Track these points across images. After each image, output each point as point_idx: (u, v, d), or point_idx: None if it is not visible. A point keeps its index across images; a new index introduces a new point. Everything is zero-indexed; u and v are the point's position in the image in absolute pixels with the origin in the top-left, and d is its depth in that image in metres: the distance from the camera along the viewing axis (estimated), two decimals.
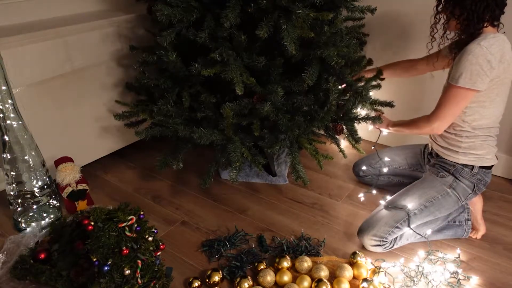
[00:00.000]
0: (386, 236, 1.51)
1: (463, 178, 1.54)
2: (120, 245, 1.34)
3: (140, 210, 1.46)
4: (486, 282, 1.43)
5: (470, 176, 1.53)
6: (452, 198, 1.55)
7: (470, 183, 1.54)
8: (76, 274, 1.34)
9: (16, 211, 1.70)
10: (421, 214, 1.53)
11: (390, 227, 1.51)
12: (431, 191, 1.56)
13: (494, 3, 1.35)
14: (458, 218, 1.64)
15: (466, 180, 1.54)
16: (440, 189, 1.56)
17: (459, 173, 1.54)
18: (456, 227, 1.63)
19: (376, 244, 1.53)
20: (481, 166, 1.53)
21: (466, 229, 1.63)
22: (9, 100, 1.55)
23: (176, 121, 1.69)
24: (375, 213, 1.59)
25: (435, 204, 1.54)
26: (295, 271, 1.48)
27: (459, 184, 1.54)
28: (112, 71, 2.01)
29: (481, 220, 1.66)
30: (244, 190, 1.98)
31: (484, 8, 1.34)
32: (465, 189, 1.55)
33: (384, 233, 1.51)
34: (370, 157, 1.92)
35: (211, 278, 1.42)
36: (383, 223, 1.52)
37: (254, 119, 1.61)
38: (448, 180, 1.56)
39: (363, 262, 1.48)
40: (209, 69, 1.54)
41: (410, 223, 1.52)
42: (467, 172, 1.53)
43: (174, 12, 1.52)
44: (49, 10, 1.98)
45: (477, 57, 1.33)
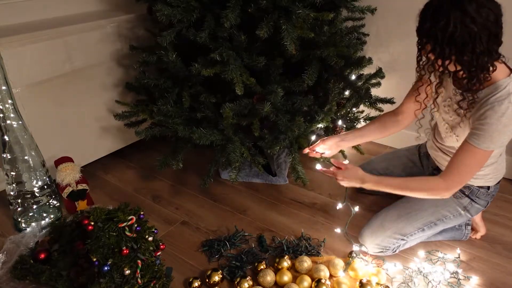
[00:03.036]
0: (390, 245, 1.49)
1: (479, 199, 1.46)
2: (120, 245, 1.34)
3: (140, 210, 1.46)
4: (486, 282, 1.43)
5: (486, 196, 1.46)
6: (463, 218, 1.50)
7: (485, 201, 1.48)
8: (76, 274, 1.34)
9: (16, 211, 1.70)
10: (429, 230, 1.50)
11: (395, 239, 1.48)
12: (444, 211, 1.48)
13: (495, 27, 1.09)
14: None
15: (482, 200, 1.47)
16: (454, 210, 1.48)
17: (475, 195, 1.45)
18: (455, 230, 1.61)
19: (379, 251, 1.51)
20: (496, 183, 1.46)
21: (465, 234, 1.61)
22: (9, 100, 1.55)
23: (176, 121, 1.69)
24: (380, 220, 1.52)
25: (446, 222, 1.49)
26: (295, 271, 1.48)
27: (473, 206, 1.47)
28: (112, 71, 2.01)
29: (480, 221, 1.64)
30: (244, 190, 1.98)
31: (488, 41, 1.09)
32: (478, 209, 1.49)
33: (389, 243, 1.48)
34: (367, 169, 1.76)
35: (211, 278, 1.42)
36: (389, 233, 1.48)
37: (254, 119, 1.61)
38: (463, 202, 1.47)
39: (360, 261, 1.48)
40: (209, 69, 1.54)
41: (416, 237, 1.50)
42: (483, 193, 1.45)
43: (174, 12, 1.52)
44: (49, 10, 1.98)
45: (510, 120, 1.16)
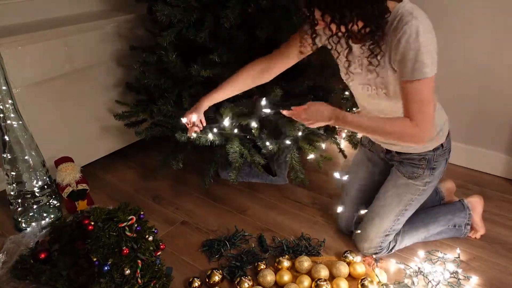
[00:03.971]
0: (380, 245, 1.49)
1: (438, 163, 1.39)
2: (120, 245, 1.34)
3: (140, 210, 1.46)
4: (486, 282, 1.43)
5: (443, 155, 1.39)
6: (429, 190, 1.46)
7: (443, 160, 1.40)
8: (76, 274, 1.34)
9: (16, 211, 1.70)
10: (404, 217, 1.48)
11: (380, 237, 1.48)
12: (408, 195, 1.44)
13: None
14: (458, 222, 1.59)
15: (440, 162, 1.40)
16: (415, 190, 1.43)
17: (433, 160, 1.38)
18: (455, 230, 1.61)
19: (375, 252, 1.52)
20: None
21: (464, 232, 1.61)
22: (9, 100, 1.55)
23: (176, 121, 1.69)
24: (363, 228, 1.52)
25: (414, 204, 1.46)
26: (295, 271, 1.48)
27: (434, 175, 1.40)
28: (112, 71, 2.01)
29: (480, 221, 1.64)
30: (244, 190, 1.98)
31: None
32: (440, 174, 1.43)
33: (378, 243, 1.49)
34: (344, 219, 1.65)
35: (211, 278, 1.42)
36: (373, 236, 1.49)
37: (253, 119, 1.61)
38: (424, 178, 1.41)
39: (357, 260, 1.49)
40: (208, 70, 1.55)
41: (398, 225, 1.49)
42: (439, 155, 1.38)
43: (174, 12, 1.53)
44: (49, 10, 1.99)
45: (427, 34, 1.09)
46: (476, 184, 1.99)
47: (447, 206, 1.63)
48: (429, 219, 1.57)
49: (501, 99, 1.90)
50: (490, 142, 2.01)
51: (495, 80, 1.89)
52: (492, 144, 2.01)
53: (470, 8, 1.83)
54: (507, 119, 1.93)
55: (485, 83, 1.92)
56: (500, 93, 1.90)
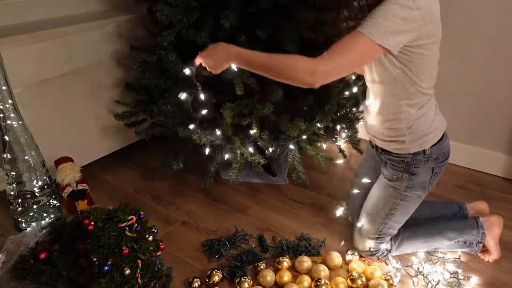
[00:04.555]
0: (373, 247, 1.49)
1: (419, 169, 1.32)
2: (120, 245, 1.34)
3: (140, 210, 1.46)
4: (486, 282, 1.43)
5: (426, 162, 1.31)
6: (413, 198, 1.38)
7: (428, 169, 1.32)
8: (76, 274, 1.34)
9: (16, 211, 1.70)
10: (392, 221, 1.43)
11: (371, 239, 1.48)
12: (391, 198, 1.39)
13: None
14: (469, 239, 1.49)
15: (423, 169, 1.32)
16: (397, 194, 1.37)
17: (412, 165, 1.31)
18: (465, 247, 1.51)
19: (370, 255, 1.51)
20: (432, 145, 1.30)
21: (475, 250, 1.51)
22: (9, 100, 1.55)
23: (176, 121, 1.69)
24: (357, 229, 1.52)
25: (400, 209, 1.40)
26: (295, 271, 1.48)
27: (414, 181, 1.33)
28: (112, 71, 2.01)
29: (495, 245, 1.49)
30: (244, 190, 1.98)
31: None
32: (424, 182, 1.34)
33: (369, 246, 1.49)
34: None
35: (211, 278, 1.42)
36: (364, 237, 1.49)
37: (254, 119, 1.61)
38: (403, 183, 1.35)
39: (356, 259, 1.50)
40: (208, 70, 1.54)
41: (390, 230, 1.46)
42: (421, 161, 1.31)
43: (174, 12, 1.53)
44: (49, 10, 1.98)
45: (404, 9, 1.05)
46: (476, 184, 1.99)
47: (458, 222, 1.53)
48: (433, 230, 1.50)
49: (501, 99, 1.90)
50: (490, 142, 2.01)
51: (495, 80, 1.89)
52: (492, 144, 2.01)
53: (471, 8, 1.83)
54: (507, 119, 1.93)
55: (485, 83, 1.92)
56: (500, 93, 1.90)
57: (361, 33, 1.06)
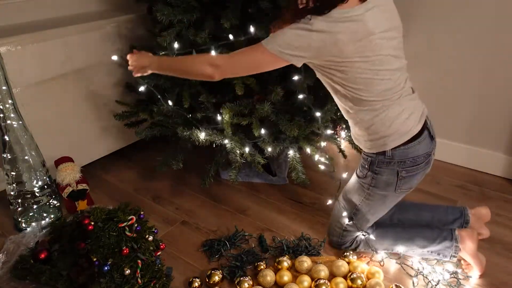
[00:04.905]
0: (340, 237, 1.52)
1: (381, 169, 1.34)
2: (120, 245, 1.34)
3: (140, 210, 1.46)
4: (486, 282, 1.43)
5: (388, 164, 1.32)
6: (376, 198, 1.40)
7: (390, 171, 1.33)
8: (76, 274, 1.34)
9: (16, 211, 1.70)
10: (357, 217, 1.46)
11: (338, 229, 1.52)
12: (355, 195, 1.44)
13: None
14: (442, 251, 1.44)
15: (385, 170, 1.33)
16: (361, 190, 1.42)
17: (375, 165, 1.34)
18: (438, 256, 1.46)
19: (337, 245, 1.56)
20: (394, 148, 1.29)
21: (449, 257, 1.44)
22: (9, 100, 1.55)
23: (176, 121, 1.69)
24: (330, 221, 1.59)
25: (363, 206, 1.43)
26: (295, 271, 1.48)
27: (377, 180, 1.36)
28: (112, 71, 2.01)
29: (474, 259, 1.41)
30: (244, 190, 1.98)
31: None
32: (387, 183, 1.35)
33: (337, 235, 1.53)
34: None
35: (211, 278, 1.42)
36: (333, 224, 1.54)
37: (254, 119, 1.61)
38: (366, 181, 1.39)
39: (354, 259, 1.50)
40: None
41: (357, 225, 1.48)
42: (382, 161, 1.33)
43: (174, 12, 1.53)
44: (49, 10, 1.98)
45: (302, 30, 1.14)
46: (476, 184, 1.99)
47: (433, 231, 1.47)
48: (404, 234, 1.48)
49: (501, 99, 1.90)
50: (490, 142, 2.01)
51: (495, 80, 1.89)
52: (492, 144, 2.01)
53: (471, 8, 1.83)
54: (507, 119, 1.93)
55: (485, 83, 1.92)
56: (500, 93, 1.90)
57: (260, 43, 1.19)
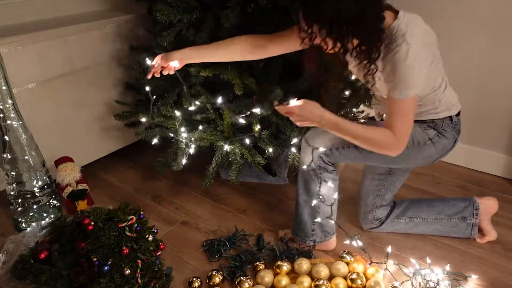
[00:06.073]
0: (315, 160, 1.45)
1: (446, 132, 1.44)
2: (120, 245, 1.34)
3: (140, 210, 1.46)
4: (486, 282, 1.43)
5: (452, 129, 1.44)
6: (423, 150, 1.43)
7: (452, 135, 1.43)
8: (76, 274, 1.34)
9: (16, 211, 1.70)
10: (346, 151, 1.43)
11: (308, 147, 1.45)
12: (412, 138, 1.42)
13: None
14: (465, 215, 1.57)
15: (449, 133, 1.43)
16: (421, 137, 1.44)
17: (441, 127, 1.44)
18: (462, 224, 1.57)
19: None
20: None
21: (472, 233, 1.58)
22: (9, 100, 1.55)
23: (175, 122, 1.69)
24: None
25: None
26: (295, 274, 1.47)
27: (440, 141, 1.43)
28: (112, 71, 2.01)
29: (488, 225, 1.60)
30: (244, 190, 1.98)
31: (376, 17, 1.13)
32: (444, 146, 1.43)
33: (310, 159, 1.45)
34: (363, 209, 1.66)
35: (212, 279, 1.42)
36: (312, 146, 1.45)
37: (253, 119, 1.61)
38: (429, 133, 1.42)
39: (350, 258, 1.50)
40: (208, 70, 1.54)
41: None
42: (448, 125, 1.44)
43: (174, 12, 1.52)
44: (49, 10, 1.98)
45: (416, 56, 1.15)
46: (476, 184, 1.99)
47: (450, 201, 1.62)
48: (423, 205, 1.62)
49: (501, 99, 1.90)
50: (490, 142, 2.01)
51: (495, 80, 1.89)
52: (492, 144, 2.01)
53: (471, 8, 1.83)
54: (507, 119, 1.93)
55: (485, 83, 1.92)
56: (500, 93, 1.90)
57: (402, 97, 1.20)
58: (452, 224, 1.58)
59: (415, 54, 1.15)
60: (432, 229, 1.60)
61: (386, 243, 1.60)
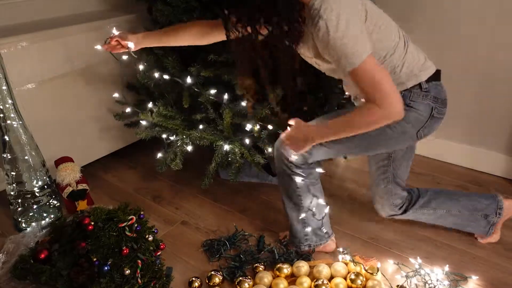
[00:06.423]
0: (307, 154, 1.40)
1: (416, 102, 1.31)
2: (120, 245, 1.34)
3: (140, 210, 1.46)
4: (486, 282, 1.43)
5: (423, 97, 1.31)
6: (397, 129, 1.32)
7: (425, 106, 1.32)
8: (76, 274, 1.34)
9: (16, 211, 1.70)
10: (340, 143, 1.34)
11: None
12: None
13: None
14: (487, 212, 1.52)
15: (420, 104, 1.31)
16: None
17: (409, 98, 1.30)
18: (482, 221, 1.53)
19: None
20: None
21: (489, 232, 1.55)
22: (9, 100, 1.55)
23: (175, 122, 1.69)
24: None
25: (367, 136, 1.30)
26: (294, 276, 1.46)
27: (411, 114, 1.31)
28: (112, 71, 2.01)
29: (499, 228, 1.58)
30: (244, 190, 1.98)
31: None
32: (418, 119, 1.32)
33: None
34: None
35: (212, 280, 1.42)
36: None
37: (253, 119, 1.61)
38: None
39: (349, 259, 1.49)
40: (208, 70, 1.55)
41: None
42: (417, 94, 1.31)
43: (174, 12, 1.53)
44: (49, 10, 1.98)
45: (338, 27, 1.08)
46: (476, 184, 1.99)
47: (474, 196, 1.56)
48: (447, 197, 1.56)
49: (501, 99, 1.90)
50: (490, 142, 2.01)
51: (495, 80, 1.89)
52: (492, 144, 2.01)
53: (471, 8, 1.83)
54: (507, 119, 1.93)
55: (485, 83, 1.92)
56: (500, 93, 1.90)
57: (358, 63, 1.11)
58: (473, 219, 1.54)
59: (337, 24, 1.07)
60: (451, 221, 1.56)
61: (386, 243, 1.60)
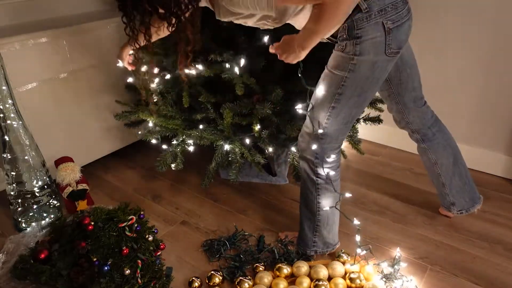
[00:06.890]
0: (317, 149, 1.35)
1: (363, 30, 1.15)
2: (120, 245, 1.34)
3: (140, 210, 1.46)
4: (486, 282, 1.43)
5: (369, 21, 1.14)
6: (363, 69, 1.20)
7: (375, 32, 1.14)
8: (76, 274, 1.34)
9: (16, 211, 1.70)
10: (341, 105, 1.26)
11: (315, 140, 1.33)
12: (338, 72, 1.22)
13: None
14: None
15: (369, 30, 1.15)
16: (344, 65, 1.20)
17: (354, 28, 1.15)
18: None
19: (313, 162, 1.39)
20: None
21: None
22: (9, 100, 1.55)
23: (175, 122, 1.69)
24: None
25: (348, 84, 1.22)
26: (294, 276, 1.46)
27: (363, 44, 1.16)
28: (112, 71, 2.01)
29: None
30: (244, 190, 1.98)
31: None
32: (374, 44, 1.16)
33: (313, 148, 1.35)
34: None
35: (212, 280, 1.42)
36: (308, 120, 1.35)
37: (254, 119, 1.61)
38: (348, 51, 1.18)
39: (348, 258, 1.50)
40: (208, 70, 1.55)
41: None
42: (361, 19, 1.14)
43: None
44: (49, 10, 1.98)
45: None
46: (476, 184, 1.98)
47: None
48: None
49: (502, 99, 1.90)
50: (490, 142, 2.01)
51: (495, 80, 1.89)
52: (492, 144, 2.01)
53: (471, 8, 1.83)
54: (507, 119, 1.93)
55: (485, 83, 1.92)
56: (501, 94, 1.90)
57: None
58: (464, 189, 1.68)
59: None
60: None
61: (386, 243, 1.60)
